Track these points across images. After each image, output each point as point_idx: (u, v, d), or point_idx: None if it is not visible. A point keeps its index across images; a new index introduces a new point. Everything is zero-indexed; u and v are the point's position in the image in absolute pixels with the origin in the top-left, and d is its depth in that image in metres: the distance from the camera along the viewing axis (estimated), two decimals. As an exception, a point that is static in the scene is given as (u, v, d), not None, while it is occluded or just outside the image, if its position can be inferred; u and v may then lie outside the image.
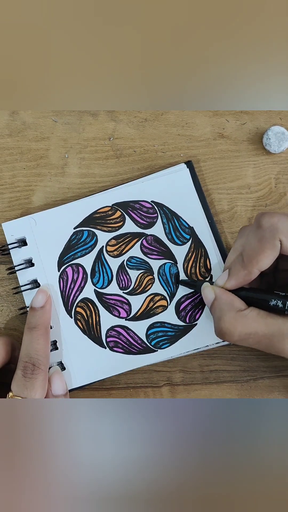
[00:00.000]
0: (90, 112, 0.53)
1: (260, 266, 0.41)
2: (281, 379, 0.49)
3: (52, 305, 0.49)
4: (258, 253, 0.41)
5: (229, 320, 0.41)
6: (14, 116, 0.53)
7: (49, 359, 0.46)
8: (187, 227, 0.50)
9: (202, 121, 0.53)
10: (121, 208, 0.50)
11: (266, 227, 0.41)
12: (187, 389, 0.49)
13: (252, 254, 0.41)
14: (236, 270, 0.43)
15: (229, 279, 0.43)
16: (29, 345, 0.45)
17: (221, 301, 0.43)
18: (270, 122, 0.53)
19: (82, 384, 0.48)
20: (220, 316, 0.42)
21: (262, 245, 0.41)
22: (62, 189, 0.52)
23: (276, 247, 0.41)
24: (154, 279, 0.49)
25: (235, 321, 0.41)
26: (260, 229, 0.41)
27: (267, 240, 0.41)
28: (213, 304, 0.43)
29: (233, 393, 0.49)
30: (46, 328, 0.46)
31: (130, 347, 0.48)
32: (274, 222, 0.41)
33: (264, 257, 0.41)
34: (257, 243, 0.41)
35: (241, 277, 0.42)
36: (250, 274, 0.42)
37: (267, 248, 0.41)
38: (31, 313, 0.46)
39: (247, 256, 0.42)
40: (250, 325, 0.41)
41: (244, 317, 0.41)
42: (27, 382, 0.44)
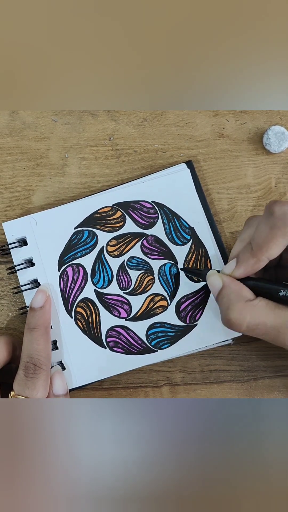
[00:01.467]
0: (90, 112, 0.53)
1: (270, 254, 0.41)
2: (281, 379, 0.49)
3: (52, 304, 0.49)
4: (269, 241, 0.41)
5: (238, 310, 0.41)
6: (14, 116, 0.53)
7: (50, 359, 0.46)
8: (188, 227, 0.50)
9: (202, 121, 0.53)
10: (122, 208, 0.50)
11: (278, 214, 0.40)
12: (187, 389, 0.49)
13: (263, 241, 0.41)
14: (245, 258, 0.42)
15: (238, 267, 0.43)
16: (30, 346, 0.45)
17: (229, 290, 0.42)
18: (270, 122, 0.53)
19: (82, 384, 0.48)
20: (228, 305, 0.41)
21: (274, 232, 0.40)
22: (62, 189, 0.52)
23: (287, 234, 0.40)
24: (154, 279, 0.49)
25: (244, 311, 0.40)
26: (272, 217, 0.41)
27: (278, 228, 0.40)
28: (221, 292, 0.43)
29: (233, 393, 0.49)
30: (46, 328, 0.46)
31: (130, 347, 0.48)
32: (286, 210, 0.40)
33: (274, 245, 0.41)
34: (268, 230, 0.41)
35: (250, 265, 0.42)
36: (259, 262, 0.42)
37: (278, 235, 0.40)
38: (30, 314, 0.46)
39: (256, 244, 0.41)
40: (259, 315, 0.40)
41: (253, 307, 0.41)
42: (29, 381, 0.44)
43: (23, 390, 0.44)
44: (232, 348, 0.49)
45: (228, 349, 0.49)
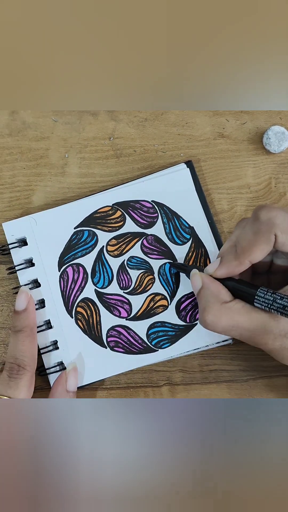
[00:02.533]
0: (90, 112, 0.53)
1: (252, 258, 0.41)
2: (280, 379, 0.49)
3: (52, 304, 0.49)
4: (251, 245, 0.41)
5: (213, 312, 0.41)
6: (14, 116, 0.53)
7: (35, 360, 0.46)
8: (188, 226, 0.50)
9: (202, 121, 0.53)
10: (122, 208, 0.50)
11: (263, 220, 0.41)
12: (187, 389, 0.49)
13: (246, 245, 0.41)
14: (228, 259, 0.43)
15: (220, 267, 0.43)
16: (15, 347, 0.45)
17: (208, 291, 0.43)
18: (270, 122, 0.53)
19: (82, 384, 0.48)
20: (205, 306, 0.42)
21: (257, 237, 0.41)
22: (62, 189, 0.52)
23: (270, 241, 0.41)
24: (154, 278, 0.49)
25: (219, 313, 0.41)
26: (257, 222, 0.41)
27: (262, 234, 0.41)
28: (200, 292, 0.43)
29: (233, 393, 0.49)
30: (32, 329, 0.46)
31: (131, 347, 0.48)
32: (271, 216, 0.41)
33: (257, 250, 0.41)
34: (252, 235, 0.41)
35: (232, 267, 0.42)
36: (241, 265, 0.42)
37: (261, 241, 0.41)
38: (15, 317, 0.46)
39: (240, 247, 0.42)
40: (234, 317, 0.41)
41: (229, 309, 0.41)
42: (11, 381, 0.44)
43: (5, 390, 0.44)
44: (232, 348, 0.50)
45: (228, 349, 0.49)
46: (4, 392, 0.44)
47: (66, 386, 0.46)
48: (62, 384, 0.47)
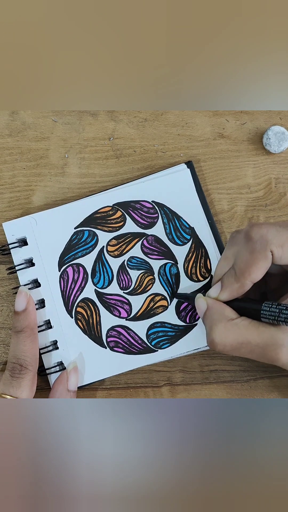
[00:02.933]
0: (90, 112, 0.53)
1: (252, 278, 0.41)
2: (281, 379, 0.49)
3: (52, 304, 0.49)
4: (250, 266, 0.41)
5: (220, 329, 0.41)
6: (14, 116, 0.53)
7: (37, 360, 0.46)
8: (188, 227, 0.50)
9: (202, 121, 0.53)
10: (122, 208, 0.50)
11: (256, 239, 0.41)
12: (187, 389, 0.49)
13: (244, 267, 0.41)
14: (229, 282, 0.42)
15: (222, 292, 0.43)
16: (16, 347, 0.45)
17: (212, 311, 0.42)
18: (270, 122, 0.53)
19: (82, 384, 0.48)
20: (211, 326, 0.41)
21: (254, 257, 0.41)
22: (62, 189, 0.52)
23: (268, 258, 0.40)
24: (154, 279, 0.49)
25: (226, 330, 0.41)
26: (250, 242, 0.41)
27: (258, 252, 0.40)
28: (205, 314, 0.43)
29: (233, 393, 0.49)
30: (32, 329, 0.46)
31: (131, 347, 0.48)
32: (263, 234, 0.40)
33: (256, 269, 0.41)
34: (249, 255, 0.41)
35: (235, 290, 0.42)
36: (243, 287, 0.42)
37: (259, 259, 0.40)
38: (15, 317, 0.47)
39: (239, 269, 0.41)
40: (242, 334, 0.40)
41: (235, 325, 0.41)
42: (14, 381, 0.44)
43: (7, 389, 0.44)
44: (232, 348, 0.49)
45: (228, 349, 0.49)
46: (7, 391, 0.44)
47: (67, 385, 0.46)
48: (63, 383, 0.47)
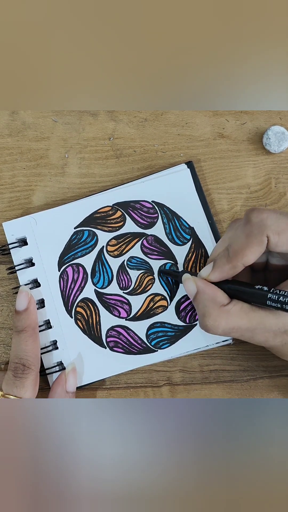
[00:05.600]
0: (90, 112, 0.53)
1: (245, 261, 0.42)
2: (281, 379, 0.49)
3: (52, 304, 0.49)
4: (244, 248, 0.41)
5: (213, 316, 0.42)
6: (14, 116, 0.53)
7: (39, 359, 0.46)
8: (188, 227, 0.50)
9: (202, 121, 0.53)
10: (122, 208, 0.50)
11: (254, 222, 0.41)
12: (187, 389, 0.49)
13: (238, 248, 0.42)
14: (221, 263, 0.43)
15: (213, 271, 0.43)
16: (18, 347, 0.45)
17: (204, 296, 0.43)
18: (270, 122, 0.53)
19: (82, 384, 0.48)
20: (203, 312, 0.42)
21: (249, 240, 0.41)
22: (62, 189, 0.52)
23: (262, 243, 0.41)
24: (154, 279, 0.49)
25: (219, 317, 0.41)
26: (248, 224, 0.41)
27: (254, 236, 0.41)
28: (196, 297, 0.43)
29: (233, 393, 0.49)
30: (34, 328, 0.46)
31: (130, 347, 0.48)
32: (263, 218, 0.41)
33: (249, 252, 0.41)
34: (244, 238, 0.41)
35: (225, 271, 0.43)
36: (234, 268, 0.42)
37: (253, 243, 0.41)
38: (16, 317, 0.46)
39: (233, 250, 0.42)
40: (233, 320, 0.41)
41: (227, 312, 0.41)
42: (17, 381, 0.44)
43: (11, 389, 0.44)
44: (232, 348, 0.49)
45: (228, 349, 0.49)
46: (11, 391, 0.44)
47: (66, 387, 0.46)
48: (62, 384, 0.47)
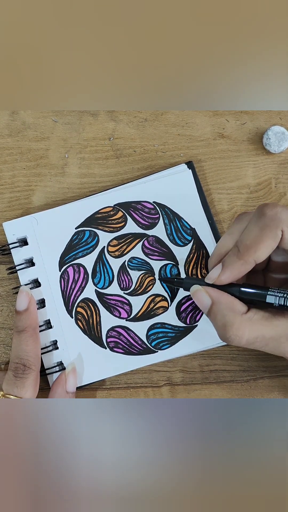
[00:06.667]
0: (90, 112, 0.53)
1: (257, 256, 0.40)
2: (281, 379, 0.49)
3: (52, 304, 0.49)
4: (258, 242, 0.40)
5: (236, 326, 0.40)
6: (14, 116, 0.53)
7: (39, 360, 0.46)
8: (189, 228, 0.50)
9: (202, 121, 0.53)
10: (123, 208, 0.50)
11: (269, 215, 0.40)
12: (187, 389, 0.49)
13: (251, 242, 0.40)
14: (232, 261, 0.41)
15: (224, 271, 0.42)
16: (19, 347, 0.45)
17: (221, 306, 0.41)
18: (270, 122, 0.53)
19: (82, 384, 0.48)
20: (224, 322, 0.40)
21: (264, 233, 0.40)
22: (62, 189, 0.52)
23: (277, 236, 0.40)
24: (155, 280, 0.49)
25: (242, 327, 0.40)
26: (262, 217, 0.40)
27: (269, 229, 0.40)
28: (212, 309, 0.42)
29: (233, 393, 0.49)
30: (34, 329, 0.46)
31: (131, 348, 0.48)
32: (277, 212, 0.40)
33: (264, 246, 0.40)
34: (259, 231, 0.40)
35: (237, 268, 0.41)
36: (246, 265, 0.41)
37: (268, 237, 0.40)
38: (17, 317, 0.46)
39: (244, 245, 0.41)
40: (257, 328, 0.40)
41: (250, 321, 0.40)
42: (18, 381, 0.44)
43: (11, 389, 0.44)
44: (232, 348, 0.49)
45: (228, 349, 0.49)
46: (11, 391, 0.44)
47: (66, 387, 0.46)
48: (62, 385, 0.47)
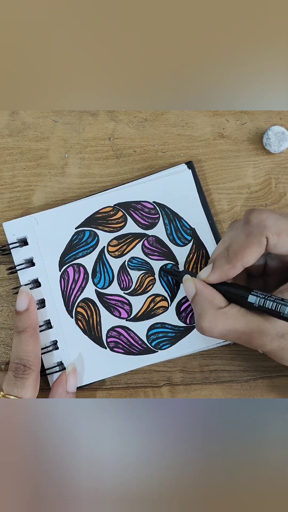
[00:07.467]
0: (90, 112, 0.53)
1: (244, 262, 0.42)
2: (281, 379, 0.49)
3: (53, 304, 0.49)
4: (243, 248, 0.41)
5: (209, 318, 0.42)
6: (14, 116, 0.53)
7: (40, 360, 0.46)
8: (189, 228, 0.50)
9: (202, 121, 0.53)
10: (123, 208, 0.50)
11: (254, 223, 0.41)
12: (187, 389, 0.49)
13: (238, 249, 0.42)
14: (220, 264, 0.43)
15: (213, 273, 0.43)
16: (19, 347, 0.45)
17: (202, 297, 0.43)
18: (270, 122, 0.53)
19: (82, 384, 0.48)
20: (200, 313, 0.42)
21: (249, 240, 0.41)
22: (62, 189, 0.52)
23: (262, 243, 0.41)
24: (155, 280, 0.49)
25: (215, 319, 0.42)
26: (248, 225, 0.41)
27: (254, 236, 0.41)
28: (194, 298, 0.44)
29: (233, 393, 0.49)
30: (34, 329, 0.46)
31: (131, 348, 0.48)
32: (262, 219, 0.41)
33: (249, 253, 0.41)
34: (244, 238, 0.41)
35: (225, 271, 0.43)
36: (233, 269, 0.42)
37: (253, 244, 0.41)
38: (17, 317, 0.46)
39: (232, 251, 0.42)
40: (230, 322, 0.41)
41: (224, 315, 0.42)
42: (18, 381, 0.44)
43: (12, 389, 0.44)
44: (232, 348, 0.49)
45: (228, 349, 0.49)
46: (11, 392, 0.44)
47: (66, 387, 0.47)
48: (62, 385, 0.47)
